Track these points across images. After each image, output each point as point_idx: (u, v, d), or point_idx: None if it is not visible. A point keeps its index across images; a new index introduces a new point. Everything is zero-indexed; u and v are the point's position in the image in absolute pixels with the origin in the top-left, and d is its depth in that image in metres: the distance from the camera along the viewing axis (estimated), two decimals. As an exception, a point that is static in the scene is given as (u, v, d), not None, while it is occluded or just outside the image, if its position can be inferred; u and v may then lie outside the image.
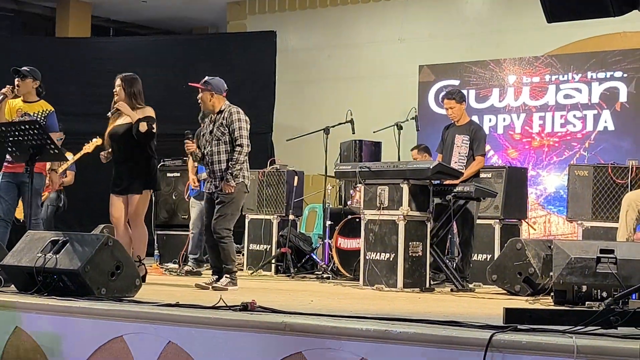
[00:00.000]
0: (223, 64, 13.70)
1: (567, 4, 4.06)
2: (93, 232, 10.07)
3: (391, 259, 7.62)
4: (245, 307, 4.74)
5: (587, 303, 5.52)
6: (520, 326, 3.95)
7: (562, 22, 4.25)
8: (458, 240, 8.45)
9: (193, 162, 7.61)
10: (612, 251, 5.72)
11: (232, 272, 7.15)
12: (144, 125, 7.30)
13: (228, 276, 7.10)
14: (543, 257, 7.08)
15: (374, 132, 9.99)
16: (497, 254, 8.47)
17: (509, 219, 8.95)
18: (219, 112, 7.29)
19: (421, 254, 7.68)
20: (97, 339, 4.86)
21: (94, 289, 5.47)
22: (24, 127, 6.92)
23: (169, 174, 10.80)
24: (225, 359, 4.45)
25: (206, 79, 7.32)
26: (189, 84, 7.48)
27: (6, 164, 7.71)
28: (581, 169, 8.77)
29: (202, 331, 4.54)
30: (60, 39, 15.14)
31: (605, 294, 5.55)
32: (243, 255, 10.31)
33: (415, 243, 7.64)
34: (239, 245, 10.59)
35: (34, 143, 6.92)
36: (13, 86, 7.65)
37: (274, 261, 9.79)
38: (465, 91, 10.92)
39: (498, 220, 8.81)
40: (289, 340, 4.26)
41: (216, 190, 7.20)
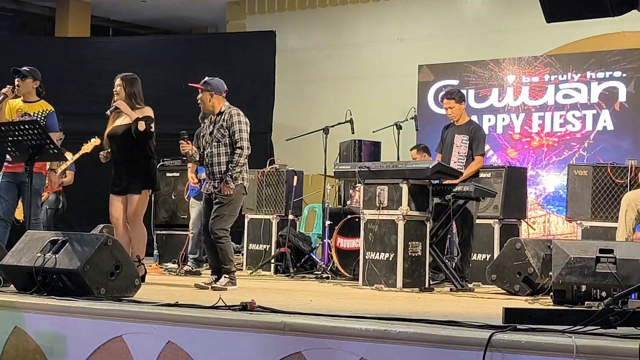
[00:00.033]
0: (222, 63, 13.70)
1: (567, 3, 4.06)
2: (92, 232, 10.07)
3: (390, 258, 7.62)
4: (245, 307, 4.75)
5: (587, 303, 5.53)
6: (519, 326, 3.95)
7: (561, 22, 4.24)
8: (457, 240, 8.45)
9: (188, 162, 7.57)
10: (611, 251, 5.72)
11: (231, 272, 7.15)
12: (142, 124, 7.29)
13: (227, 276, 7.10)
14: (542, 257, 7.08)
15: (373, 132, 9.99)
16: (496, 253, 8.47)
17: (509, 218, 8.95)
18: (219, 114, 7.27)
19: (420, 253, 7.68)
20: (97, 339, 4.86)
21: (93, 289, 5.47)
22: (23, 127, 6.92)
23: (168, 174, 10.80)
24: (225, 358, 4.45)
25: (206, 79, 7.30)
26: (189, 84, 7.47)
27: (6, 164, 7.71)
28: (580, 168, 8.77)
29: (202, 331, 4.54)
30: (59, 38, 15.14)
31: (604, 294, 5.56)
32: (242, 255, 10.31)
33: (414, 243, 7.64)
34: (237, 245, 10.59)
35: (33, 143, 6.92)
36: (13, 86, 7.64)
37: (273, 261, 9.78)
38: (465, 91, 10.93)
39: (497, 220, 8.81)
40: (289, 340, 4.26)
41: (215, 191, 7.20)
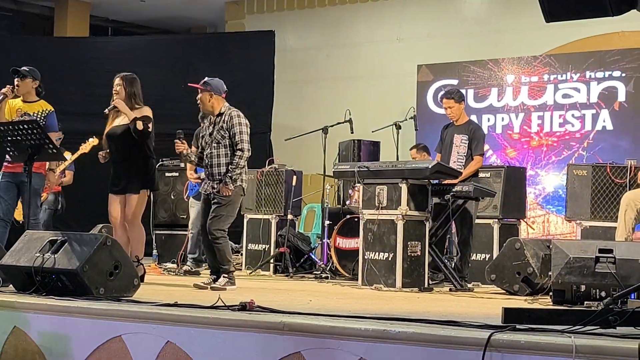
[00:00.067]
0: (221, 63, 13.70)
1: (566, 3, 4.06)
2: (91, 231, 10.07)
3: (390, 258, 7.62)
4: (244, 307, 4.74)
5: (586, 303, 5.53)
6: (519, 326, 3.95)
7: (560, 21, 4.24)
8: (457, 239, 8.45)
9: (181, 162, 7.52)
10: (610, 251, 5.72)
11: (230, 272, 7.14)
12: (140, 123, 7.30)
13: (226, 276, 7.10)
14: (542, 257, 7.08)
15: (372, 131, 9.99)
16: (495, 253, 8.47)
17: (508, 218, 8.95)
18: (219, 115, 7.26)
19: (420, 253, 7.67)
20: (96, 339, 4.86)
21: (92, 289, 5.47)
22: (22, 127, 6.92)
23: (167, 174, 10.80)
24: (224, 358, 4.45)
25: (206, 79, 7.29)
26: (189, 84, 7.45)
27: (6, 164, 7.70)
28: (580, 168, 8.77)
29: (201, 331, 4.54)
30: (58, 38, 15.13)
31: (604, 294, 5.56)
32: (241, 255, 10.31)
33: (413, 243, 7.64)
34: (237, 245, 10.59)
35: (32, 143, 6.92)
36: (13, 86, 7.64)
37: (272, 261, 9.78)
38: (464, 91, 10.92)
39: (497, 220, 8.82)
40: (288, 340, 4.26)
41: (213, 192, 7.19)
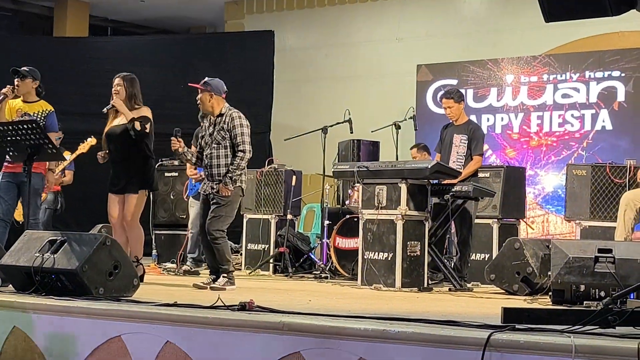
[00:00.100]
0: (221, 63, 13.70)
1: (565, 3, 4.06)
2: (91, 231, 10.06)
3: (389, 258, 7.62)
4: (244, 307, 4.74)
5: (585, 302, 5.52)
6: (518, 326, 3.95)
7: (560, 21, 4.24)
8: (456, 239, 8.45)
9: (178, 159, 7.44)
10: (610, 251, 5.72)
11: (229, 272, 7.14)
12: (137, 124, 7.31)
13: (225, 276, 7.10)
14: (541, 257, 7.08)
15: (372, 131, 9.99)
16: (495, 253, 8.47)
17: (507, 218, 8.95)
18: (219, 115, 7.25)
19: (419, 253, 7.67)
20: (96, 339, 4.86)
21: (92, 289, 5.46)
22: (21, 127, 6.92)
23: (167, 174, 10.79)
24: (223, 358, 4.45)
25: (206, 79, 7.27)
26: (189, 84, 7.44)
27: (6, 164, 7.70)
28: (579, 168, 8.78)
29: (200, 331, 4.54)
30: (58, 38, 15.13)
31: (603, 294, 5.56)
32: (241, 255, 10.31)
33: (413, 242, 7.64)
34: (236, 245, 10.59)
35: (31, 143, 6.92)
36: (13, 86, 7.64)
37: (272, 261, 9.78)
38: (463, 90, 10.91)
39: (496, 220, 8.82)
40: (287, 340, 4.26)
41: (213, 192, 7.19)
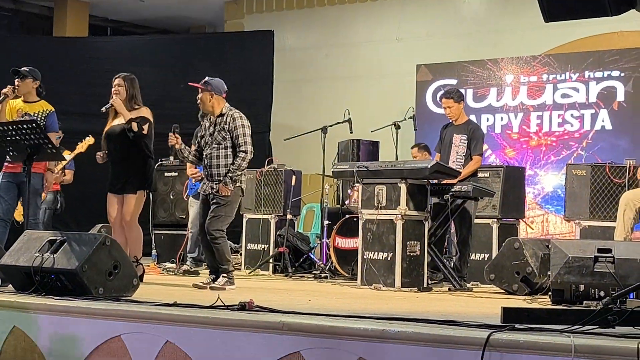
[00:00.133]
0: (220, 63, 13.70)
1: (565, 3, 4.06)
2: (91, 231, 10.06)
3: (389, 258, 7.62)
4: (243, 307, 4.74)
5: (585, 302, 5.53)
6: (518, 325, 3.94)
7: (559, 21, 4.25)
8: (456, 239, 8.45)
9: (172, 154, 7.36)
10: (609, 250, 5.72)
11: (229, 271, 7.14)
12: (134, 124, 7.32)
13: (225, 275, 7.10)
14: (541, 257, 7.07)
15: (371, 131, 9.99)
16: (494, 253, 8.47)
17: (507, 218, 8.95)
18: (220, 115, 7.24)
19: (419, 253, 7.67)
20: (95, 339, 4.85)
21: (91, 289, 5.46)
22: (21, 127, 6.91)
23: (166, 174, 10.79)
24: (223, 358, 4.45)
25: (206, 79, 7.26)
26: (189, 83, 7.43)
27: (6, 164, 7.70)
28: (579, 168, 8.78)
29: (200, 331, 4.54)
30: (57, 38, 15.13)
31: (602, 293, 5.56)
32: (241, 255, 10.31)
33: (413, 242, 7.64)
34: (236, 245, 10.59)
35: (31, 142, 6.91)
36: (14, 86, 7.65)
37: (271, 261, 9.78)
38: (463, 90, 10.91)
39: (496, 220, 8.82)
40: (287, 339, 4.26)
41: (212, 192, 7.19)
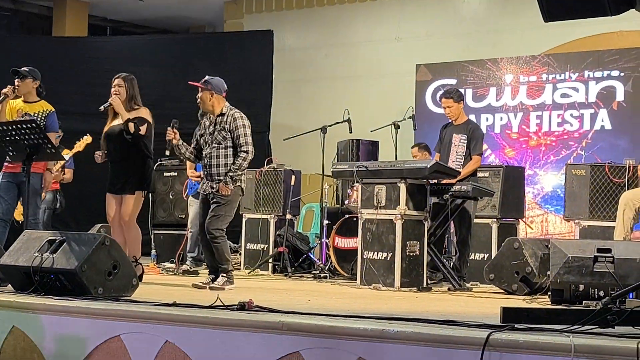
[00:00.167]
0: (220, 63, 13.69)
1: (564, 3, 4.05)
2: (90, 231, 10.06)
3: (388, 258, 7.62)
4: (243, 307, 4.74)
5: (585, 302, 5.54)
6: (517, 325, 3.94)
7: (559, 21, 4.24)
8: (455, 239, 8.45)
9: (168, 149, 7.27)
10: (609, 250, 5.72)
11: (228, 271, 7.14)
12: (131, 125, 7.32)
13: (224, 275, 7.10)
14: (540, 256, 7.07)
15: (371, 131, 9.98)
16: (494, 253, 8.47)
17: (506, 218, 8.95)
18: (220, 115, 7.24)
19: (418, 253, 7.67)
20: (95, 339, 4.85)
21: (91, 289, 5.46)
22: (20, 127, 6.91)
23: (166, 174, 10.79)
24: (223, 358, 4.45)
25: (206, 78, 7.25)
26: (189, 83, 7.41)
27: (6, 164, 7.70)
28: (578, 168, 8.78)
29: (200, 331, 4.54)
30: (57, 38, 15.12)
31: (602, 293, 5.56)
32: (240, 255, 10.31)
33: (412, 242, 7.64)
34: (235, 245, 10.59)
35: (30, 142, 6.91)
36: (14, 86, 7.64)
37: (271, 260, 9.78)
38: (463, 90, 10.91)
39: (495, 220, 8.82)
40: (287, 339, 4.26)
41: (212, 192, 7.18)
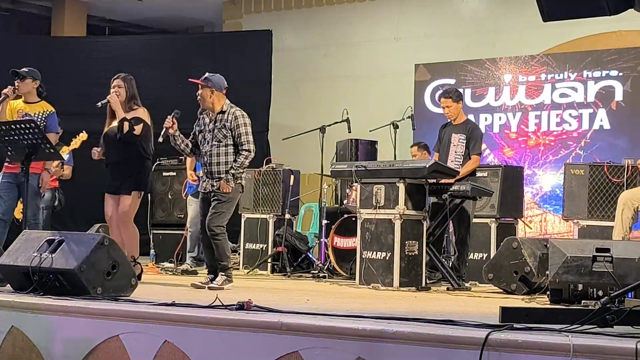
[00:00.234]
0: (219, 63, 13.62)
1: (563, 2, 4.06)
2: (89, 231, 10.05)
3: (387, 258, 7.62)
4: (242, 307, 4.74)
5: (583, 302, 5.53)
6: (516, 325, 3.95)
7: (557, 20, 4.25)
8: (454, 239, 8.45)
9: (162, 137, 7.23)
10: (608, 250, 5.72)
11: (227, 268, 7.14)
12: (126, 124, 7.32)
13: (223, 273, 7.09)
14: (539, 256, 7.08)
15: (370, 131, 9.98)
16: (493, 252, 8.47)
17: (505, 217, 8.95)
18: (221, 112, 7.23)
19: (417, 253, 7.67)
20: (94, 339, 4.85)
21: (90, 289, 5.47)
22: (19, 127, 6.91)
23: (164, 174, 10.79)
24: (222, 358, 4.45)
25: (206, 75, 7.22)
26: (189, 79, 7.38)
27: (6, 164, 7.70)
28: (577, 167, 8.78)
29: (198, 330, 4.54)
30: (56, 38, 15.12)
31: (601, 293, 5.56)
32: (239, 255, 10.31)
33: (411, 242, 7.64)
34: (234, 245, 10.59)
35: (29, 142, 6.91)
36: (14, 87, 7.64)
37: (270, 260, 9.78)
38: (461, 90, 10.91)
39: (494, 219, 8.82)
40: (285, 339, 4.26)
41: (213, 189, 7.18)
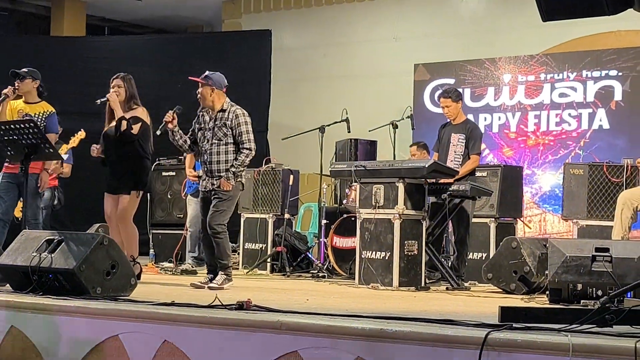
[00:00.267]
0: (218, 62, 13.62)
1: (562, 2, 4.06)
2: (88, 231, 10.05)
3: (387, 257, 7.62)
4: (241, 306, 4.74)
5: (583, 301, 5.54)
6: (515, 325, 3.95)
7: (557, 20, 4.25)
8: (453, 238, 8.45)
9: (158, 130, 7.20)
10: (607, 250, 5.73)
11: (227, 267, 7.14)
12: (124, 123, 7.32)
13: (223, 272, 7.09)
14: (538, 256, 7.09)
15: (369, 131, 9.98)
16: (492, 252, 8.47)
17: (505, 217, 8.95)
18: (221, 111, 7.23)
19: (417, 252, 7.67)
20: (93, 338, 4.85)
21: (89, 288, 5.47)
22: (18, 127, 6.90)
23: (164, 173, 10.79)
24: (221, 357, 4.45)
25: (207, 73, 7.21)
26: (189, 77, 7.36)
27: (6, 164, 7.70)
28: (576, 167, 8.78)
29: (198, 330, 4.54)
30: (55, 38, 15.12)
31: (600, 293, 5.57)
32: (238, 254, 10.31)
33: (410, 242, 7.64)
34: (234, 244, 10.59)
35: (29, 142, 6.91)
36: (14, 87, 7.64)
37: (269, 260, 9.78)
38: (461, 90, 10.91)
39: (493, 219, 8.82)
40: (285, 339, 4.26)
41: (213, 188, 7.18)
